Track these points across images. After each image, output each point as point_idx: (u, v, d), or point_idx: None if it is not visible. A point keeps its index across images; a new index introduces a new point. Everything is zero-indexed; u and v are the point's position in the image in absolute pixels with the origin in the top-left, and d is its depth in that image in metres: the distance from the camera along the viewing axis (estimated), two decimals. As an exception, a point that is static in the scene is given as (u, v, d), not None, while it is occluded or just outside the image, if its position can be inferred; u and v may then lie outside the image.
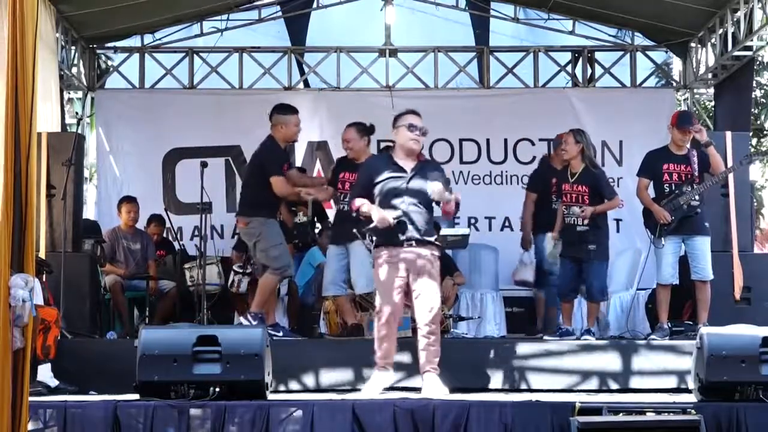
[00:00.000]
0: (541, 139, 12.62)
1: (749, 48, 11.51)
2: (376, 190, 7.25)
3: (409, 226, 7.13)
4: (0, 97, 5.46)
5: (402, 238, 7.12)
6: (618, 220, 11.75)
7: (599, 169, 8.98)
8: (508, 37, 13.32)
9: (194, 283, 9.92)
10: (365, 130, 8.83)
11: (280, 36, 13.22)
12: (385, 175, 7.23)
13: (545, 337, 9.00)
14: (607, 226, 9.04)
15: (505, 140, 12.80)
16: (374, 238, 7.21)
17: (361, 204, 7.24)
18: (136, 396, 6.45)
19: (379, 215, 7.10)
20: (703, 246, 8.73)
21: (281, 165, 8.60)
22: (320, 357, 7.85)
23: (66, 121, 12.79)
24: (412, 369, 7.45)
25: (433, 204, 7.28)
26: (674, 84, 13.52)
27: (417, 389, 7.19)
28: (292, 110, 8.79)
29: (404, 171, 7.24)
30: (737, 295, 9.25)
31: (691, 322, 8.95)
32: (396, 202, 7.18)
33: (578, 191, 8.85)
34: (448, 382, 7.15)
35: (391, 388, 7.27)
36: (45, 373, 7.27)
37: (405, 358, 7.65)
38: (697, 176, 8.73)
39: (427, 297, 7.15)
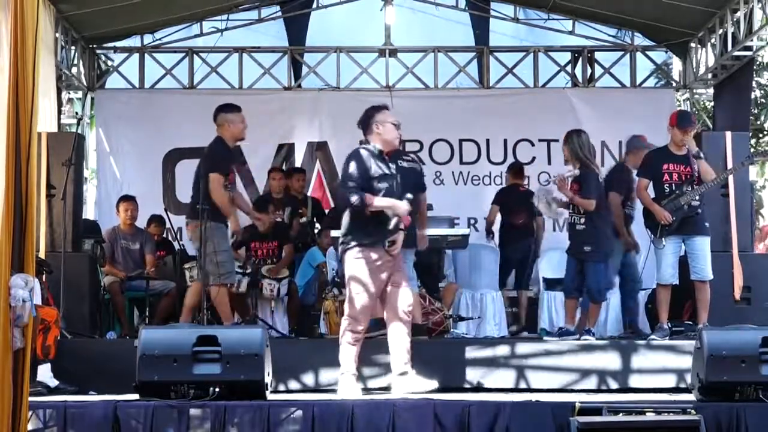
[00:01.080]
0: (540, 140, 12.65)
1: (749, 48, 11.51)
2: (375, 184, 7.17)
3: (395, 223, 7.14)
4: (0, 97, 5.47)
5: (391, 237, 7.11)
6: (618, 221, 11.74)
7: (590, 169, 8.91)
8: (508, 37, 13.33)
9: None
10: None
11: (280, 36, 13.24)
12: (380, 170, 7.19)
13: (545, 338, 9.02)
14: (607, 227, 9.00)
15: (505, 140, 12.81)
16: (353, 237, 7.15)
17: (373, 199, 7.12)
18: (136, 396, 6.45)
19: (402, 207, 7.09)
20: (703, 246, 8.72)
21: (225, 164, 8.58)
22: (320, 357, 7.85)
23: (66, 121, 12.82)
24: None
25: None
26: (674, 84, 13.53)
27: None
28: (236, 109, 8.82)
29: (389, 166, 7.25)
30: (737, 295, 9.26)
31: (691, 322, 8.95)
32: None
33: (572, 189, 8.87)
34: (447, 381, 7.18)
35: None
36: (45, 373, 7.27)
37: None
38: (697, 176, 8.73)
39: (407, 293, 7.20)
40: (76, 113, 13.10)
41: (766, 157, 16.71)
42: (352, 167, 7.18)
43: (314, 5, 13.09)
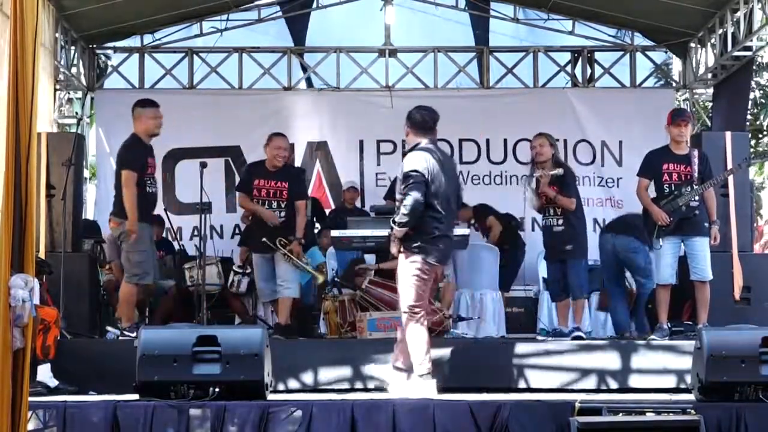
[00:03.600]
0: (540, 140, 12.61)
1: (749, 48, 11.52)
2: None
3: None
4: (0, 97, 5.47)
5: None
6: (617, 221, 11.75)
7: (569, 170, 9.03)
8: (507, 37, 13.33)
9: (194, 283, 9.92)
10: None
11: (280, 36, 13.23)
12: None
13: (538, 338, 9.06)
14: (583, 225, 9.11)
15: (505, 140, 12.81)
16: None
17: None
18: (136, 396, 6.45)
19: None
20: (702, 246, 8.73)
21: (137, 161, 8.60)
22: (320, 357, 7.85)
23: (65, 121, 12.82)
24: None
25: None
26: (674, 84, 13.53)
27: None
28: (151, 104, 8.89)
29: None
30: (737, 295, 9.27)
31: (690, 322, 8.96)
32: None
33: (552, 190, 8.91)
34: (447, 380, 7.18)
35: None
36: (45, 373, 7.27)
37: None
38: (697, 177, 8.73)
39: None
40: (76, 113, 13.10)
41: (764, 159, 16.77)
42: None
43: (314, 5, 13.08)
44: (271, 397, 6.59)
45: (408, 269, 7.12)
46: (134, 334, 8.34)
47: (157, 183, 8.95)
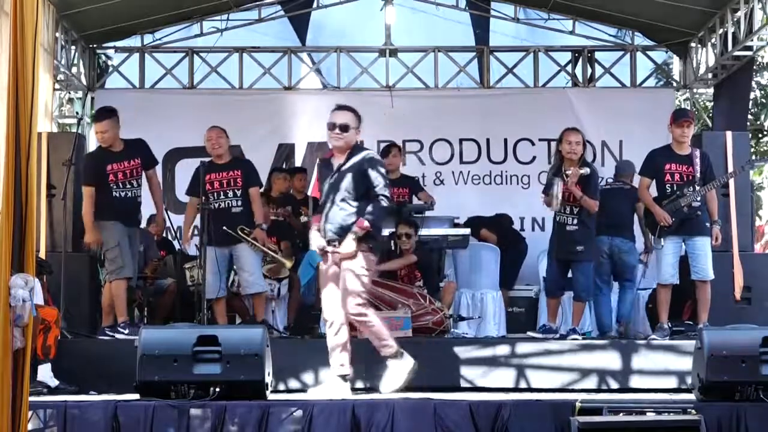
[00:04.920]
0: (541, 139, 12.64)
1: (749, 48, 11.52)
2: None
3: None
4: (0, 97, 5.47)
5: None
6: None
7: (594, 170, 8.97)
8: (508, 37, 13.34)
9: (194, 283, 9.90)
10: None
11: (281, 35, 13.25)
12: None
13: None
14: (594, 227, 9.07)
15: (505, 140, 12.81)
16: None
17: None
18: (136, 396, 6.46)
19: None
20: (703, 246, 8.73)
21: (91, 174, 8.74)
22: (320, 357, 7.84)
23: (66, 121, 12.82)
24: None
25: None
26: (674, 84, 13.53)
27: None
28: (100, 116, 9.02)
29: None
30: (737, 295, 9.27)
31: (691, 322, 8.95)
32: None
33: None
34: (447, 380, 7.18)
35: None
36: (45, 373, 7.28)
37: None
38: (699, 177, 8.72)
39: None
40: (76, 113, 13.11)
41: (766, 162, 16.77)
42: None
43: (314, 5, 13.09)
44: (271, 397, 6.60)
45: (363, 267, 7.08)
46: (127, 331, 8.52)
47: (134, 186, 8.89)
